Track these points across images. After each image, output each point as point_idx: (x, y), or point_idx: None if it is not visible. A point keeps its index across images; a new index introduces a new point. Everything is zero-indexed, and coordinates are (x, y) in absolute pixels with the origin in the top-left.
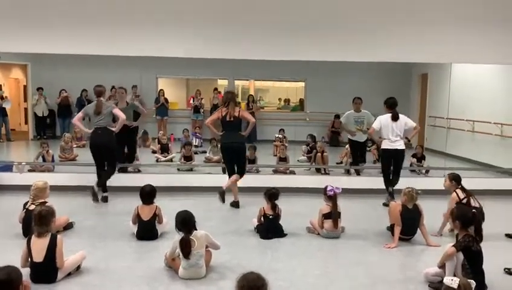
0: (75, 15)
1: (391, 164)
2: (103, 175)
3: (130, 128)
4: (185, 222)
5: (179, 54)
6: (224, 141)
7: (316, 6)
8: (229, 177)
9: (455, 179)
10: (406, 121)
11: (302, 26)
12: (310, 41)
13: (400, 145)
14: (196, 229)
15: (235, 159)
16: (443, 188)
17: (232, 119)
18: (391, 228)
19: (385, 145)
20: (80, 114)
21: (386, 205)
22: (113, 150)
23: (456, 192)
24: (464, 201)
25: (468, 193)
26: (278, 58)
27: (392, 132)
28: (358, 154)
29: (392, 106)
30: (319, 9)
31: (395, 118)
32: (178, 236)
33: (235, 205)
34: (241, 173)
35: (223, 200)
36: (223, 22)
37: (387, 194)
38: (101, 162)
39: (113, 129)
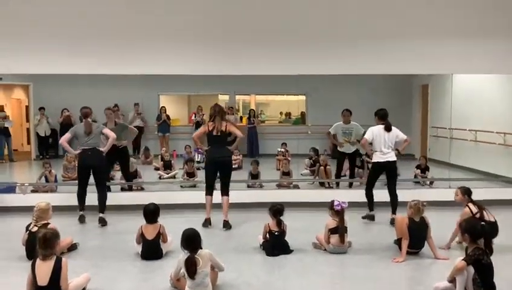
0: (76, 35)
1: (378, 177)
2: (100, 201)
3: (119, 148)
4: (190, 241)
5: (181, 71)
6: (211, 156)
7: (316, 21)
8: (207, 192)
9: (467, 193)
10: (397, 134)
11: (302, 40)
12: (310, 56)
13: (392, 157)
14: (201, 248)
15: (221, 174)
16: (448, 199)
17: (219, 133)
18: (398, 242)
19: (377, 158)
20: (68, 134)
21: (366, 218)
22: (104, 171)
23: (468, 206)
24: (477, 215)
25: (481, 207)
26: (279, 73)
27: (384, 144)
28: (342, 167)
29: (383, 117)
30: (319, 24)
31: (388, 128)
32: (182, 255)
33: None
34: (227, 192)
35: (230, 227)
36: (223, 39)
37: (370, 213)
38: (85, 183)
39: (103, 150)
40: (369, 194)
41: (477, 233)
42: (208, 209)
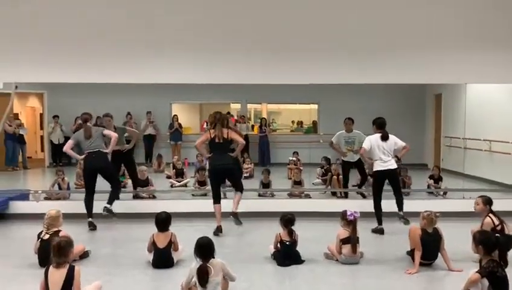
0: (89, 45)
1: (383, 186)
2: (111, 195)
3: (123, 152)
4: (204, 249)
5: (193, 80)
6: (214, 163)
7: (328, 30)
8: (215, 201)
9: (488, 203)
10: (395, 141)
11: (315, 49)
12: (323, 65)
13: (392, 164)
14: (214, 257)
15: (229, 181)
16: (462, 210)
17: (221, 141)
18: (411, 253)
19: (378, 166)
20: (70, 141)
21: (376, 232)
22: (112, 171)
23: (490, 217)
24: (498, 228)
25: (501, 219)
26: (290, 82)
27: (383, 152)
28: (348, 175)
29: (380, 126)
30: (331, 33)
31: (384, 137)
32: (194, 264)
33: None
34: (241, 190)
35: (240, 222)
36: (235, 48)
37: (377, 224)
38: (93, 188)
39: (106, 151)
40: (378, 207)
41: (492, 245)
42: (218, 218)
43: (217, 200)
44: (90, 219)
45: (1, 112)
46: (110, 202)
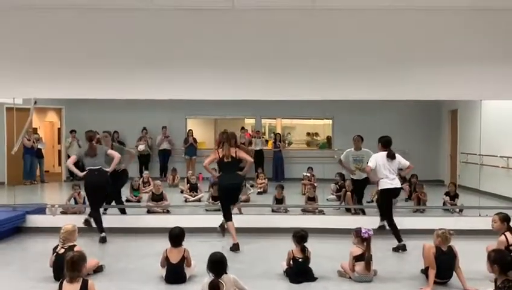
0: (106, 62)
1: (392, 203)
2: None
3: (117, 172)
4: (216, 264)
5: (208, 96)
6: (224, 183)
7: (342, 46)
8: (225, 219)
9: (506, 220)
10: (399, 161)
11: (330, 66)
12: (337, 81)
13: (398, 183)
14: (226, 273)
15: (233, 198)
16: (477, 228)
17: (229, 160)
18: (425, 271)
19: (385, 184)
20: (73, 157)
21: (398, 249)
22: (103, 192)
23: (505, 235)
24: None
25: None
26: (305, 98)
27: (389, 170)
28: (359, 192)
29: (386, 144)
30: (345, 49)
31: (391, 156)
32: (207, 279)
33: (236, 247)
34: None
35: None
36: (250, 66)
37: (400, 243)
38: (99, 204)
39: (108, 170)
40: (392, 224)
41: (507, 264)
42: (233, 234)
43: (229, 218)
44: (103, 234)
45: (21, 127)
46: (91, 215)
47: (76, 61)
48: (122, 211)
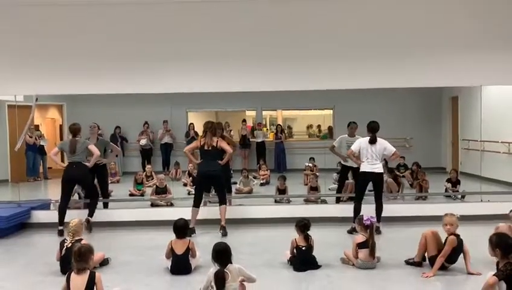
0: (107, 57)
1: (365, 189)
2: (90, 207)
3: (98, 165)
4: (220, 254)
5: (208, 89)
6: (201, 170)
7: (341, 34)
8: (194, 204)
9: None
10: (385, 146)
11: (329, 55)
12: (337, 70)
13: (379, 169)
14: (231, 263)
15: (214, 187)
16: (479, 213)
17: (209, 148)
18: (431, 259)
19: (364, 167)
20: (55, 149)
21: (350, 232)
22: (88, 183)
23: None
24: None
25: None
26: (306, 88)
27: (371, 155)
28: (347, 178)
29: (372, 130)
30: (345, 37)
31: (372, 141)
32: (212, 269)
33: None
34: (224, 202)
35: (226, 233)
36: (249, 57)
37: (352, 224)
38: (68, 197)
39: (87, 164)
40: (358, 208)
41: (509, 247)
42: (193, 220)
43: (196, 204)
44: (60, 227)
45: (22, 124)
46: (91, 214)
47: (76, 57)
48: (105, 205)
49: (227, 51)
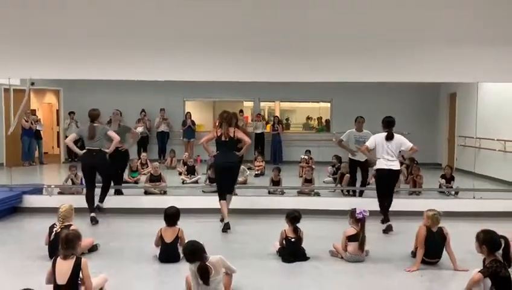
0: (104, 43)
1: (385, 184)
2: (102, 192)
3: (120, 151)
4: (196, 252)
5: (206, 78)
6: (218, 161)
7: (341, 28)
8: (220, 197)
9: None
10: (401, 142)
11: (327, 48)
12: (335, 63)
13: (395, 165)
14: (206, 253)
15: (227, 178)
16: (472, 210)
17: (226, 139)
18: (415, 253)
19: (380, 164)
20: (74, 135)
21: (386, 231)
22: (106, 170)
23: None
24: None
25: None
26: (303, 80)
27: (387, 152)
28: (355, 173)
29: (387, 125)
30: (344, 31)
31: (389, 137)
32: (192, 267)
33: (227, 226)
34: (230, 192)
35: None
36: (248, 47)
37: (383, 219)
38: (92, 183)
39: (106, 151)
40: (381, 203)
41: (496, 245)
42: (225, 214)
43: (223, 197)
44: (92, 214)
45: (18, 108)
46: (102, 200)
47: (73, 42)
48: (119, 192)
49: (226, 41)
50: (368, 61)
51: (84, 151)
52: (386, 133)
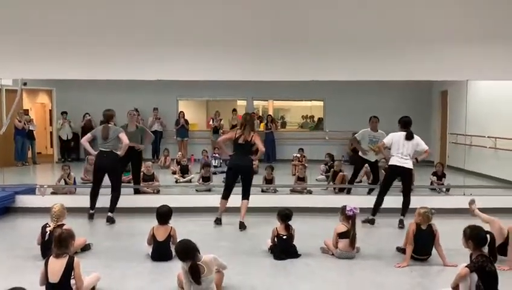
0: (97, 42)
1: (393, 182)
2: (112, 200)
3: (136, 151)
4: (188, 251)
5: (199, 77)
6: (233, 163)
7: (333, 27)
8: (223, 197)
9: None
10: (418, 142)
11: (320, 46)
12: (328, 62)
13: (408, 164)
14: (199, 252)
15: (242, 180)
16: (462, 206)
17: (243, 142)
18: (402, 249)
19: (394, 161)
20: (89, 135)
21: (366, 222)
22: (117, 173)
23: None
24: None
25: None
26: (296, 79)
27: (402, 151)
28: (359, 171)
29: (405, 125)
30: (337, 30)
31: (408, 137)
32: (184, 266)
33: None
34: (247, 196)
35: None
36: (240, 45)
37: (369, 215)
38: (99, 183)
39: (118, 153)
40: (380, 201)
41: (482, 240)
42: (221, 211)
43: (225, 195)
44: (91, 211)
45: (11, 108)
46: (112, 209)
47: (65, 42)
48: (137, 191)
49: (219, 40)
50: (359, 60)
51: (97, 152)
52: (405, 133)
